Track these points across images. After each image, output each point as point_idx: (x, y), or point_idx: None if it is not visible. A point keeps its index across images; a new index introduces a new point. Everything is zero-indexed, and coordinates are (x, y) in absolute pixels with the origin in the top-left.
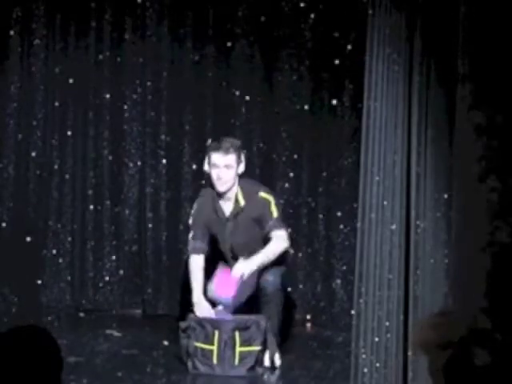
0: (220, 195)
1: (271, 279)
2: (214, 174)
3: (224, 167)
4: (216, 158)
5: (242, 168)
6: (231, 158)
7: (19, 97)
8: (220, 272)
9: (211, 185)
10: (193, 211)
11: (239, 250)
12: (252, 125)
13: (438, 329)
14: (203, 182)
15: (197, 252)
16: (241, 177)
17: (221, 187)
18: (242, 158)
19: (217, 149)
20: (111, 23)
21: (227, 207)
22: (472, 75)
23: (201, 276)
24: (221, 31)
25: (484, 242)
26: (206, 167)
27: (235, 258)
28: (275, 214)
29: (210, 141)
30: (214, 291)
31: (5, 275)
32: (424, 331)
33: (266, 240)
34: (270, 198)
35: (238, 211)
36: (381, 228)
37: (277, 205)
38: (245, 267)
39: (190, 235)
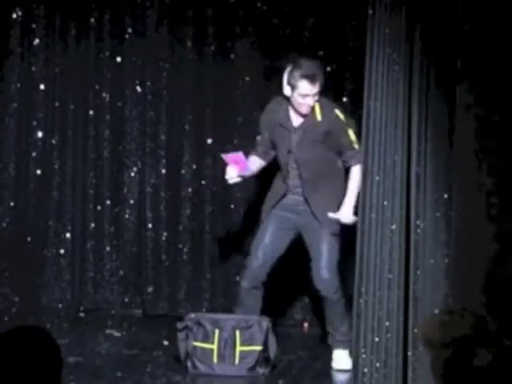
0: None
1: (327, 278)
2: (303, 101)
3: (312, 95)
4: (306, 88)
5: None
6: (319, 83)
7: (19, 97)
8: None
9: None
10: (261, 116)
11: (304, 166)
12: (252, 125)
13: (443, 326)
14: (203, 182)
15: (257, 154)
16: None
17: (304, 110)
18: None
19: (305, 77)
20: (111, 23)
21: (297, 118)
22: (472, 75)
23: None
24: (221, 31)
25: (484, 241)
26: (286, 90)
27: (300, 177)
28: (356, 144)
29: (293, 64)
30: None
31: (5, 275)
32: (429, 328)
33: (333, 162)
34: (344, 119)
35: (310, 124)
36: (381, 228)
37: (353, 129)
38: (349, 212)
39: (257, 138)
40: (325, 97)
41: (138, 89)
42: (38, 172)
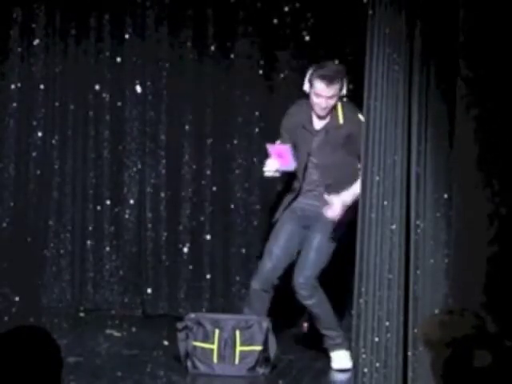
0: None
1: (301, 282)
2: (316, 100)
3: (327, 97)
4: (320, 88)
5: (344, 91)
6: (335, 87)
7: (19, 97)
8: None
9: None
10: (283, 119)
11: (323, 172)
12: (252, 125)
13: (443, 326)
14: (203, 182)
15: None
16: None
17: (320, 112)
18: (345, 82)
19: (321, 78)
20: (111, 23)
21: (320, 121)
22: (472, 75)
23: None
24: (221, 31)
25: (484, 241)
26: (306, 87)
27: (317, 181)
28: None
29: (313, 67)
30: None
31: (5, 275)
32: (429, 328)
33: (354, 169)
34: None
35: (332, 127)
36: (381, 228)
37: None
38: (343, 199)
39: (277, 142)
40: None
41: (138, 89)
42: (38, 172)
